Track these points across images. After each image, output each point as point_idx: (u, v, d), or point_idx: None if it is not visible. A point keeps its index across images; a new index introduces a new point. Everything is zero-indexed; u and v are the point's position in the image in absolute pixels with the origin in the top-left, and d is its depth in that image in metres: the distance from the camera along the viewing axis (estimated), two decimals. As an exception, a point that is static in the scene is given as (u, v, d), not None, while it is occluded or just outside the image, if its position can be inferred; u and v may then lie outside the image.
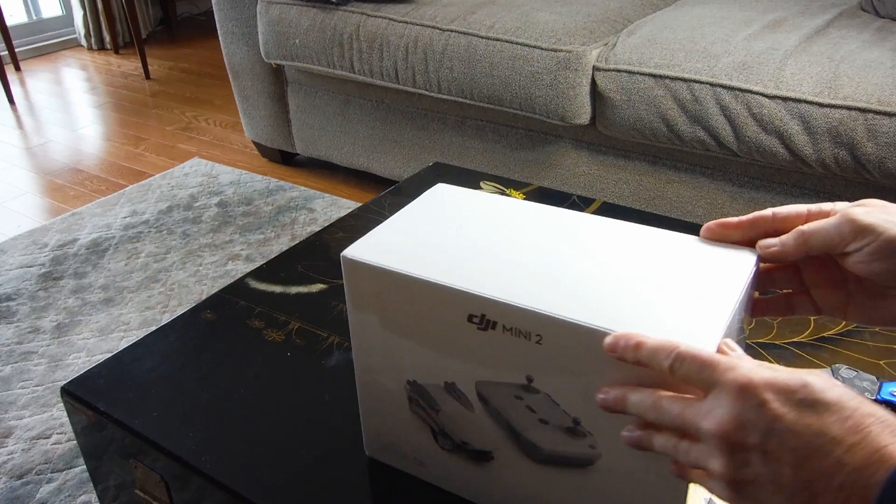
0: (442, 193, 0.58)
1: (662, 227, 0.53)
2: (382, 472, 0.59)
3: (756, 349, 0.72)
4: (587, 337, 0.42)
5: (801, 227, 0.45)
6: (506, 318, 0.45)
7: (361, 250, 0.51)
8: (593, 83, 1.42)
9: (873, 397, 0.60)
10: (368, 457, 0.60)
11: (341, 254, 0.50)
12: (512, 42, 1.48)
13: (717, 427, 0.36)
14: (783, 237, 0.46)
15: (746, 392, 0.35)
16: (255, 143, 2.17)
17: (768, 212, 0.48)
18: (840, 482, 0.33)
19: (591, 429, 0.46)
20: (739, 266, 0.47)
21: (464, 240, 0.52)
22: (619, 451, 0.45)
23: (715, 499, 0.53)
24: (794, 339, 0.73)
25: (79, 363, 1.37)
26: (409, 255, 0.50)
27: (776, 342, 0.73)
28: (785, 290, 0.51)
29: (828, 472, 0.33)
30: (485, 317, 0.46)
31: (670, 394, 0.39)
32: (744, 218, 0.48)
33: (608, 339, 0.41)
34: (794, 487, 0.34)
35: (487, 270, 0.48)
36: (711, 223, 0.49)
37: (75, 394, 0.70)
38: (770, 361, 0.71)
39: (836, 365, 0.65)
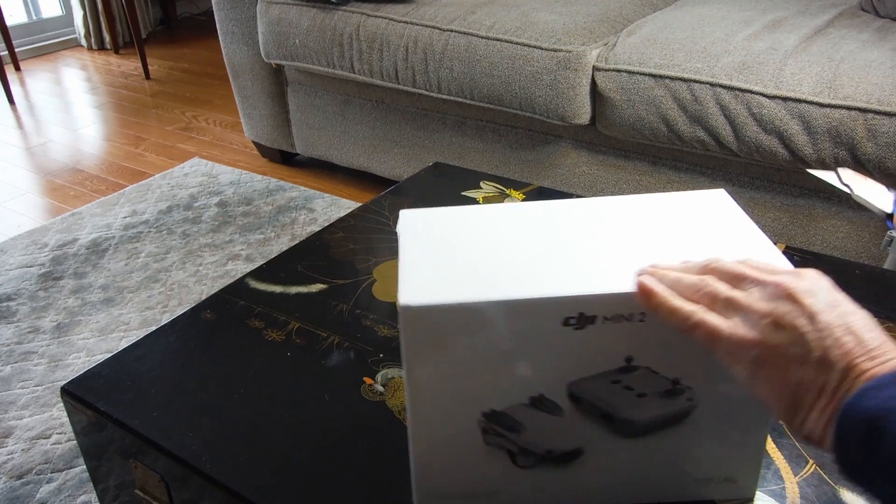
0: (417, 219, 0.55)
1: (663, 227, 0.53)
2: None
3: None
4: None
5: None
6: (606, 309, 0.46)
7: (418, 295, 0.46)
8: (593, 83, 1.42)
9: None
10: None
11: (400, 305, 0.46)
12: (512, 42, 1.48)
13: (789, 281, 0.40)
14: None
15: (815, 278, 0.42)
16: (255, 143, 2.17)
17: None
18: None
19: (690, 383, 0.49)
20: (722, 202, 0.56)
21: (497, 253, 0.50)
22: (713, 397, 0.49)
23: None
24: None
25: (79, 363, 1.37)
26: (471, 283, 0.47)
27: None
28: None
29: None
30: (583, 315, 0.46)
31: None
32: None
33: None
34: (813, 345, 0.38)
35: (559, 271, 0.48)
36: None
37: (75, 394, 0.70)
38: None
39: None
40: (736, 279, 0.43)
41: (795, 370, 0.38)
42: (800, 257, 0.87)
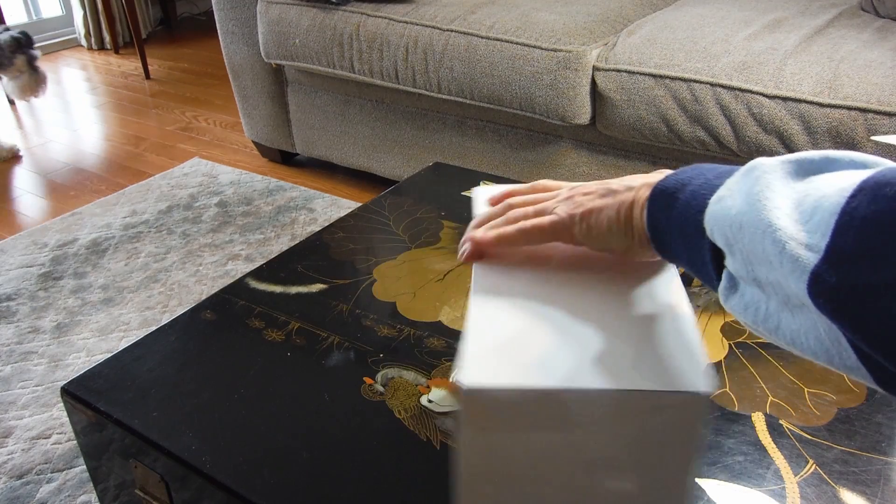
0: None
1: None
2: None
3: (756, 349, 0.72)
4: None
5: None
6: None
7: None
8: (593, 83, 1.42)
9: None
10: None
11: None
12: (512, 42, 1.48)
13: (569, 187, 0.54)
14: None
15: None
16: (255, 143, 2.17)
17: None
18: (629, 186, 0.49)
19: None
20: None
21: (563, 333, 0.46)
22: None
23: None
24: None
25: (79, 363, 1.37)
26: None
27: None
28: None
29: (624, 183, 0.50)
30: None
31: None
32: None
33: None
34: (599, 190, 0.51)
35: (619, 359, 0.44)
36: None
37: (75, 394, 0.70)
38: (767, 362, 0.71)
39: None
40: (535, 201, 0.55)
41: (610, 202, 0.49)
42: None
